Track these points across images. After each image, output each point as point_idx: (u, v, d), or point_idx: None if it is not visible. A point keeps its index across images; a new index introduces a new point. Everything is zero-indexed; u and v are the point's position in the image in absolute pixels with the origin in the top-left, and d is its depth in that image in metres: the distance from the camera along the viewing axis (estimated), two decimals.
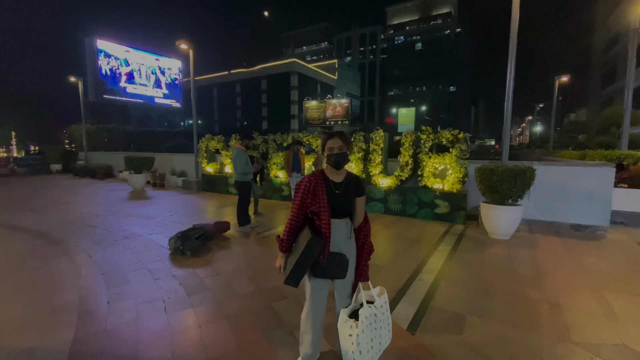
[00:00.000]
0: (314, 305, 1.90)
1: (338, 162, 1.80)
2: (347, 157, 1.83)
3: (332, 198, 1.78)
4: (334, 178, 1.84)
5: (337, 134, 1.82)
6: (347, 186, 1.84)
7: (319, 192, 1.77)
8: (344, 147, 1.81)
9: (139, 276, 3.57)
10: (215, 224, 5.08)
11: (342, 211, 1.83)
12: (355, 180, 1.89)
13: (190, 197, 9.37)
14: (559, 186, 5.91)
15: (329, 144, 1.81)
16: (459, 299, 3.01)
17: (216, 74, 51.33)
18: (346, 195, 1.82)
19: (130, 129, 20.99)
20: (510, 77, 5.96)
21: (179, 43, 10.35)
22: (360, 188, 1.89)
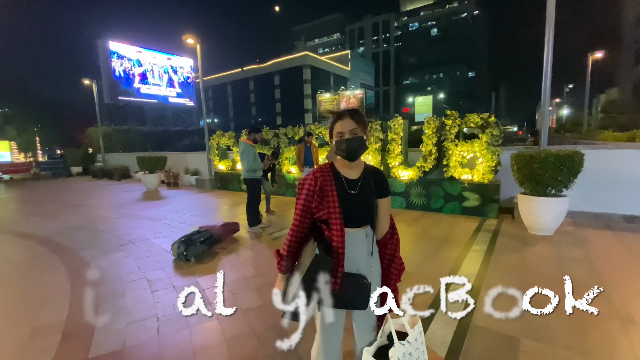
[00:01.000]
0: (326, 342, 1.42)
1: (350, 150, 1.31)
2: (363, 143, 1.33)
3: (346, 201, 1.32)
4: (348, 174, 1.38)
5: (347, 113, 1.33)
6: (366, 184, 1.37)
7: (328, 192, 1.31)
8: (358, 130, 1.31)
9: (136, 288, 3.22)
10: (223, 225, 4.70)
11: (359, 218, 1.36)
12: (376, 175, 1.42)
13: (202, 196, 9.11)
14: (608, 172, 5.17)
15: (338, 127, 1.33)
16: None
17: (229, 72, 51.46)
18: (365, 196, 1.36)
19: (145, 129, 21.13)
20: (549, 55, 5.19)
21: (185, 38, 10.04)
22: (383, 186, 1.41)
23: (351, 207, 1.33)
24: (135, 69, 22.05)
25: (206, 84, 36.97)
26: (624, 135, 7.71)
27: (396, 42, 69.23)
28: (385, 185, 1.42)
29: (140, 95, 22.52)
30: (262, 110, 49.34)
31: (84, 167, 18.23)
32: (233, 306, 1.22)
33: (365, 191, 1.37)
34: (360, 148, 1.33)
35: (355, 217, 1.35)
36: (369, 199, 1.37)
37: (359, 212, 1.36)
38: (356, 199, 1.35)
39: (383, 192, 1.41)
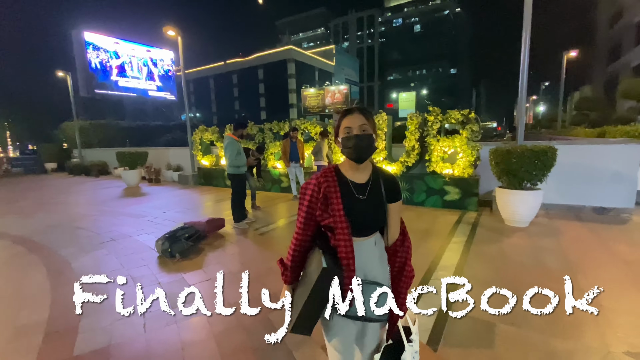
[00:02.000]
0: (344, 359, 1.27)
1: (359, 148, 1.19)
2: (372, 142, 1.22)
3: (353, 208, 1.21)
4: (355, 177, 1.26)
5: (357, 109, 1.23)
6: (375, 188, 1.25)
7: (333, 199, 1.19)
8: (367, 127, 1.20)
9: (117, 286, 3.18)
10: (208, 221, 4.67)
11: (368, 226, 1.25)
12: (387, 179, 1.29)
13: (186, 192, 8.97)
14: (579, 167, 5.45)
15: (346, 122, 1.22)
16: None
17: (212, 65, 50.30)
18: (374, 201, 1.24)
19: (124, 124, 20.46)
20: (525, 54, 5.39)
21: (166, 29, 9.77)
22: (394, 189, 1.29)
23: (359, 215, 1.21)
24: (112, 61, 21.22)
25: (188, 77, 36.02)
26: (594, 131, 8.13)
27: (380, 38, 69.61)
28: (396, 189, 1.29)
29: (119, 88, 21.74)
30: (246, 104, 48.63)
31: (59, 163, 17.50)
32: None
33: (374, 196, 1.25)
34: (369, 147, 1.21)
35: (364, 226, 1.24)
36: (379, 204, 1.25)
37: (368, 219, 1.24)
38: (365, 206, 1.23)
39: (394, 196, 1.28)
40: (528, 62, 5.42)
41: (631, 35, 27.02)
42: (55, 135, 20.17)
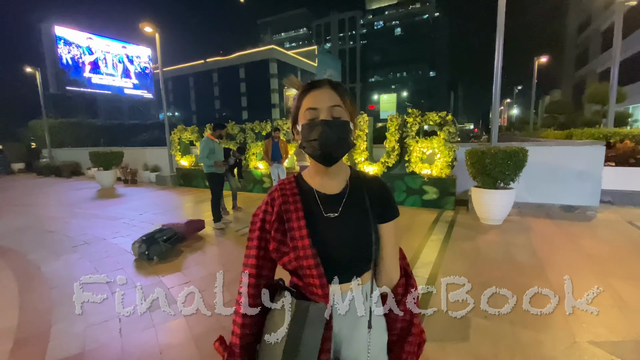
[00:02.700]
0: None
1: (327, 143, 0.79)
2: (347, 133, 0.82)
3: (320, 231, 0.82)
4: (323, 186, 0.88)
5: (327, 82, 0.83)
6: (354, 200, 0.86)
7: (292, 220, 0.83)
8: (341, 111, 0.81)
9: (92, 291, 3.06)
10: (187, 223, 4.58)
11: (347, 260, 0.83)
12: (372, 187, 0.90)
13: (164, 193, 8.74)
14: (548, 167, 5.73)
15: (309, 101, 0.81)
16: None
17: (191, 63, 49.23)
18: (353, 220, 0.84)
19: (98, 122, 19.66)
20: (498, 60, 5.64)
21: (142, 26, 9.48)
22: (385, 202, 0.89)
23: (331, 242, 0.81)
24: (85, 57, 20.34)
25: (166, 75, 35.17)
26: (563, 133, 8.60)
27: (362, 40, 70.33)
28: (388, 200, 0.89)
29: (92, 85, 20.83)
30: (227, 104, 47.89)
31: (27, 164, 16.61)
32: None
33: (353, 213, 0.84)
34: (342, 140, 0.80)
35: (339, 260, 0.82)
36: (362, 225, 0.83)
37: (344, 250, 0.82)
38: (338, 227, 0.83)
39: (386, 212, 0.87)
40: (501, 67, 5.66)
41: (598, 43, 28.63)
42: (23, 134, 19.13)
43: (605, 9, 26.80)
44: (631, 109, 20.77)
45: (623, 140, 6.03)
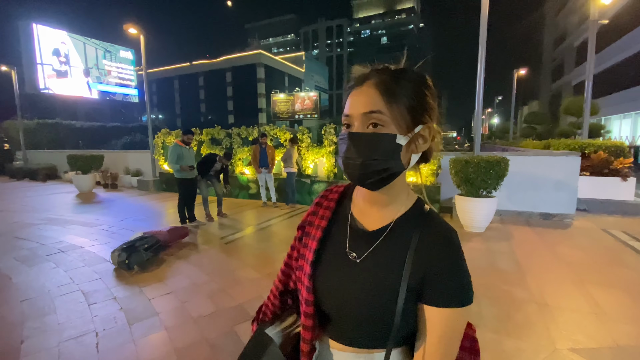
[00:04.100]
0: None
1: (350, 163, 0.59)
2: (381, 149, 0.57)
3: (329, 275, 0.66)
4: (363, 213, 0.68)
5: (372, 77, 0.60)
6: (392, 251, 0.62)
7: (307, 244, 0.70)
8: (381, 118, 0.57)
9: (70, 302, 2.93)
10: (170, 230, 4.46)
11: (352, 326, 0.64)
12: (431, 242, 0.60)
13: (146, 198, 8.50)
14: (528, 176, 5.91)
15: (346, 105, 0.62)
16: None
17: (177, 65, 48.52)
18: (376, 276, 0.61)
19: (77, 124, 18.99)
20: (481, 71, 5.82)
21: (127, 27, 9.28)
22: (444, 274, 0.58)
23: (335, 295, 0.64)
24: (65, 56, 19.70)
25: (150, 77, 34.42)
26: (541, 143, 8.93)
27: (349, 48, 71.30)
28: (449, 273, 0.58)
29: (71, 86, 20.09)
30: (213, 107, 47.36)
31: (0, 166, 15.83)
32: (183, 315, 1.14)
33: (381, 267, 0.61)
34: (374, 161, 0.58)
35: (340, 322, 0.65)
36: (386, 287, 0.60)
37: (351, 309, 0.62)
38: (354, 275, 0.63)
39: (440, 289, 0.57)
40: (484, 78, 5.84)
41: (572, 57, 30.07)
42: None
43: (579, 26, 28.24)
44: (603, 120, 21.84)
45: (597, 151, 6.31)
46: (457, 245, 0.60)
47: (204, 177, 5.89)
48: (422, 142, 0.61)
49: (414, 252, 0.59)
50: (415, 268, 0.58)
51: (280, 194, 7.19)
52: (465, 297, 0.57)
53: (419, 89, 0.59)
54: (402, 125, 0.58)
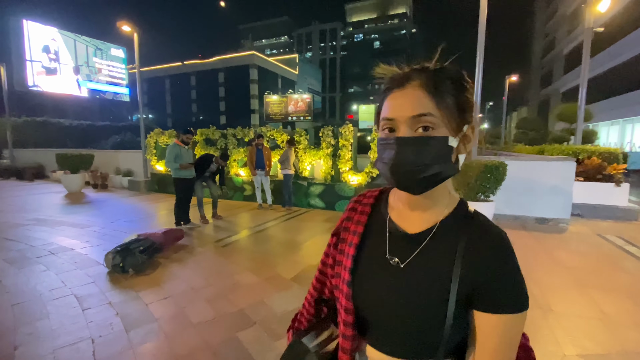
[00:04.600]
0: None
1: (400, 169, 0.55)
2: (434, 152, 0.54)
3: (369, 281, 0.63)
4: (404, 217, 0.64)
5: (417, 76, 0.56)
6: (437, 254, 0.59)
7: (343, 251, 0.67)
8: (432, 121, 0.54)
9: (63, 306, 2.80)
10: (165, 232, 4.33)
11: (393, 330, 0.60)
12: (481, 246, 0.56)
13: (137, 199, 8.30)
14: (524, 180, 5.97)
15: (385, 107, 0.58)
16: None
17: (168, 65, 48.00)
18: (423, 282, 0.58)
19: (66, 122, 18.52)
20: (479, 76, 5.88)
21: (120, 24, 9.11)
22: (497, 280, 0.54)
23: (374, 302, 0.61)
24: (55, 54, 19.24)
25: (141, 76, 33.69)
26: (535, 148, 9.07)
27: (342, 51, 71.66)
28: (503, 278, 0.55)
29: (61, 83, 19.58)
30: (204, 108, 46.98)
31: None
32: (183, 321, 1.08)
33: (427, 272, 0.58)
34: (426, 166, 0.54)
35: (382, 329, 0.62)
36: (433, 292, 0.57)
37: (395, 316, 0.59)
38: (397, 281, 0.60)
39: (493, 295, 0.54)
40: (481, 84, 5.90)
41: (560, 65, 30.80)
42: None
43: (567, 35, 28.96)
44: (591, 126, 22.39)
45: (591, 157, 6.42)
46: (509, 248, 0.57)
47: (199, 178, 5.78)
48: (467, 142, 0.59)
49: (463, 256, 0.56)
50: (464, 273, 0.55)
51: (276, 196, 7.11)
52: (522, 302, 0.54)
53: (462, 87, 0.57)
54: (452, 126, 0.55)
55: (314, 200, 7.08)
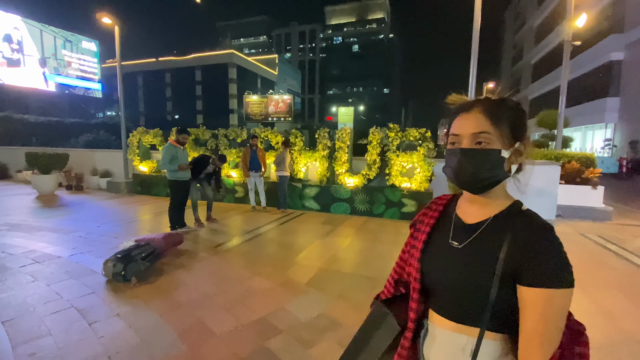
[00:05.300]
0: None
1: (462, 173, 0.73)
2: (488, 161, 0.71)
3: (434, 256, 0.79)
4: (466, 212, 0.79)
5: (479, 105, 0.73)
6: (489, 237, 0.72)
7: (419, 236, 0.84)
8: (490, 137, 0.71)
9: (64, 321, 2.57)
10: (165, 237, 4.10)
11: (449, 301, 0.76)
12: (523, 233, 0.67)
13: (119, 202, 7.85)
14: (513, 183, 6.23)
15: (455, 126, 0.76)
16: None
17: (142, 61, 46.02)
18: (475, 259, 0.72)
19: (31, 119, 17.20)
20: (472, 81, 6.09)
21: (100, 16, 8.60)
22: (534, 258, 0.64)
23: (437, 271, 0.77)
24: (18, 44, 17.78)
25: (111, 71, 31.95)
26: None
27: (321, 53, 71.96)
28: (539, 257, 0.64)
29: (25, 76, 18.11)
30: (180, 106, 45.47)
31: None
32: (204, 332, 1.11)
33: (479, 251, 0.72)
34: (481, 171, 0.70)
35: (440, 296, 0.77)
36: (479, 270, 0.69)
37: (448, 285, 0.74)
38: (455, 259, 0.74)
39: (531, 271, 0.64)
40: (475, 88, 6.12)
41: (529, 73, 32.66)
42: None
43: (535, 46, 30.76)
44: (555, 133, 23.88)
45: (570, 161, 6.82)
46: (551, 233, 0.66)
47: (194, 179, 5.55)
48: (519, 155, 0.75)
49: (508, 242, 0.67)
50: (510, 252, 0.66)
51: (270, 198, 6.97)
52: (564, 278, 0.62)
53: (516, 113, 0.73)
54: (505, 142, 0.72)
55: (308, 203, 7.02)
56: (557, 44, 24.85)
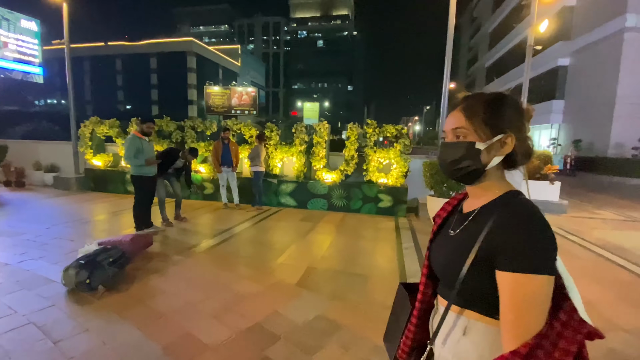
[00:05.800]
0: None
1: (441, 164, 0.84)
2: (460, 152, 0.76)
3: (437, 243, 0.89)
4: (467, 203, 0.86)
5: (459, 103, 0.80)
6: (475, 223, 0.76)
7: (435, 223, 0.93)
8: (466, 132, 0.76)
9: (24, 340, 2.18)
10: (133, 239, 3.71)
11: (440, 278, 0.85)
12: (504, 219, 0.68)
13: (70, 200, 7.05)
14: None
15: (444, 125, 0.85)
16: None
17: (88, 44, 41.99)
18: (459, 244, 0.77)
19: None
20: (446, 79, 6.30)
21: None
22: (507, 243, 0.65)
23: (436, 257, 0.87)
24: None
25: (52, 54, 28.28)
26: None
27: (286, 47, 70.91)
28: (511, 242, 0.65)
29: None
30: (133, 95, 42.32)
31: None
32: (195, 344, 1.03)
33: (464, 237, 0.77)
34: (454, 162, 0.77)
35: (440, 279, 0.86)
36: (459, 253, 0.74)
37: (439, 270, 0.84)
38: (447, 245, 0.83)
39: (504, 255, 0.65)
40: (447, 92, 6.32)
41: (482, 76, 34.86)
42: None
43: (488, 50, 32.87)
44: None
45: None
46: (535, 218, 0.65)
47: (161, 175, 5.10)
48: (502, 147, 0.75)
49: (491, 224, 0.69)
50: (489, 237, 0.69)
51: (242, 195, 6.66)
52: (537, 263, 0.62)
53: (490, 107, 0.75)
54: (481, 135, 0.75)
55: (284, 199, 6.82)
56: (509, 49, 26.79)
